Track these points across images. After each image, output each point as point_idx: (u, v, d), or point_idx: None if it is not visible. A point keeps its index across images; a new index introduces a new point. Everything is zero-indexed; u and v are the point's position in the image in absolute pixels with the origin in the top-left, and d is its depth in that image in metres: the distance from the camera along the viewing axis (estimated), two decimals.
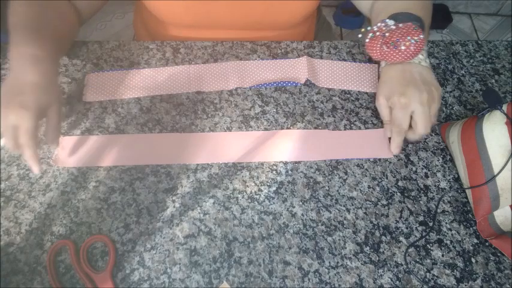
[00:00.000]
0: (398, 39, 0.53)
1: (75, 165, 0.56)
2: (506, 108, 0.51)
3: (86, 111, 0.61)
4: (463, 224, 0.53)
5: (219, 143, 0.58)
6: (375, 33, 0.55)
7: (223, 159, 0.57)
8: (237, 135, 0.59)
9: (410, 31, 0.53)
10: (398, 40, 0.53)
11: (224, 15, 0.68)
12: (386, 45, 0.54)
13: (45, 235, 0.51)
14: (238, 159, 0.57)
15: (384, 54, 0.55)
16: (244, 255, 0.50)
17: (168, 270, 0.49)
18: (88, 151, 0.57)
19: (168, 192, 0.54)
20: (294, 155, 0.57)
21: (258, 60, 0.66)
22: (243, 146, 0.58)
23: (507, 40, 0.72)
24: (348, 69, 0.66)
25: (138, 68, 0.65)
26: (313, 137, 0.59)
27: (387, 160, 0.58)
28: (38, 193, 0.54)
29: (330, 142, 0.59)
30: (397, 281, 0.49)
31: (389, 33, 0.54)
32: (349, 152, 0.58)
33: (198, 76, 0.64)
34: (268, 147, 0.58)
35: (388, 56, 0.54)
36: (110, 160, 0.56)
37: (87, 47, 0.67)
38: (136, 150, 0.57)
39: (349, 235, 0.52)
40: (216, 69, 0.65)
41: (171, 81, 0.63)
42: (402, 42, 0.53)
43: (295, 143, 0.58)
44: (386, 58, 0.55)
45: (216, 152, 0.57)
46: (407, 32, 0.53)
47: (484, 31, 1.83)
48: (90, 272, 0.48)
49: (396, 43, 0.53)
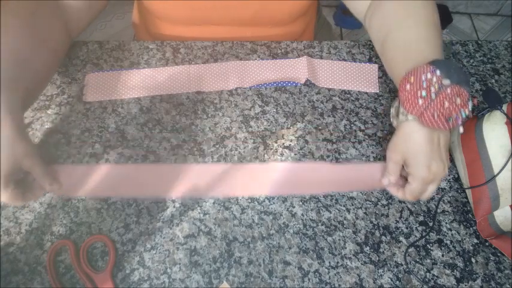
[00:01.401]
0: (455, 115, 0.45)
1: (66, 194, 0.53)
2: (506, 108, 0.51)
3: (86, 111, 0.61)
4: (463, 224, 0.53)
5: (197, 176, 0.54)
6: (429, 92, 0.45)
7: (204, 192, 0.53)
8: (220, 167, 0.55)
9: (465, 104, 0.45)
10: (457, 117, 0.45)
11: (219, 11, 0.68)
12: (438, 115, 0.45)
13: (45, 235, 0.51)
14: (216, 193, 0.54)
15: (428, 121, 0.45)
16: (244, 255, 0.50)
17: (168, 270, 0.49)
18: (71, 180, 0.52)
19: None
20: (281, 189, 0.54)
21: (258, 60, 0.66)
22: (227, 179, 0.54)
23: (507, 40, 0.72)
24: (348, 69, 0.66)
25: (138, 68, 0.65)
26: (303, 171, 0.55)
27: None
28: None
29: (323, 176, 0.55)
30: (397, 281, 0.49)
31: (448, 102, 0.45)
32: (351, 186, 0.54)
33: (198, 76, 0.64)
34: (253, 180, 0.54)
35: (431, 124, 0.45)
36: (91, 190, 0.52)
37: (87, 47, 0.67)
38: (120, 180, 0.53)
39: (349, 235, 0.52)
40: (216, 69, 0.65)
41: (171, 81, 0.63)
42: (455, 117, 0.45)
43: (282, 176, 0.54)
44: (426, 123, 0.46)
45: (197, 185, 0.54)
46: (463, 104, 0.45)
47: (484, 31, 1.83)
48: (90, 272, 0.48)
49: (452, 118, 0.45)
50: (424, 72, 0.46)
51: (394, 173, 0.50)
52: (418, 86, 0.46)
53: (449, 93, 0.45)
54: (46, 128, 0.59)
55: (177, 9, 0.67)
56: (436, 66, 0.46)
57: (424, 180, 0.47)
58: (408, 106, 0.47)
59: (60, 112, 0.60)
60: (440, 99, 0.45)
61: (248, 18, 0.69)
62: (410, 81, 0.47)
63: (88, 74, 0.64)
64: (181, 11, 0.68)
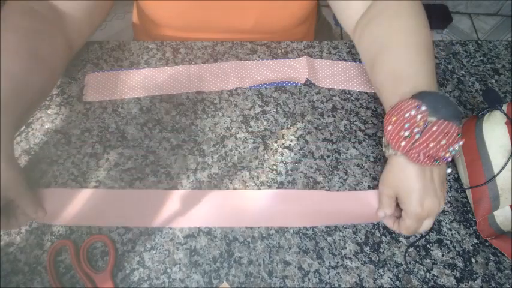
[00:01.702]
0: (445, 157, 0.43)
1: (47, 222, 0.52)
2: (506, 108, 0.51)
3: (86, 111, 0.61)
4: (463, 224, 0.53)
5: (194, 203, 0.53)
6: (412, 133, 0.43)
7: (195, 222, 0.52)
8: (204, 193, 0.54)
9: (454, 140, 0.43)
10: (444, 158, 0.43)
11: (219, 18, 0.68)
12: (424, 155, 0.43)
13: (45, 235, 0.51)
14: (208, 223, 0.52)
15: (414, 159, 0.43)
16: (244, 255, 0.50)
17: (168, 270, 0.49)
18: (55, 205, 0.51)
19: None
20: (277, 218, 0.53)
21: (258, 60, 0.66)
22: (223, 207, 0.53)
23: (507, 40, 0.72)
24: (348, 69, 0.66)
25: (138, 68, 0.65)
26: (306, 199, 0.54)
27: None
28: None
29: (326, 205, 0.54)
30: (397, 281, 0.49)
31: (433, 141, 0.42)
32: (346, 217, 0.53)
33: (198, 76, 0.64)
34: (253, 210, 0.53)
35: (418, 162, 0.44)
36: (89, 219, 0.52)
37: (87, 47, 0.67)
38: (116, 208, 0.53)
39: (349, 235, 0.52)
40: (216, 69, 0.65)
41: (171, 81, 0.63)
42: (444, 155, 0.43)
43: (285, 204, 0.53)
44: (414, 161, 0.44)
45: (190, 213, 0.53)
46: (452, 141, 0.43)
47: (484, 31, 1.83)
48: (90, 272, 0.48)
49: (440, 159, 0.43)
50: (408, 110, 0.43)
51: (389, 206, 0.48)
52: (401, 127, 0.43)
53: (435, 130, 0.42)
54: (46, 128, 0.59)
55: (175, 17, 0.67)
56: (421, 101, 0.43)
57: (417, 217, 0.46)
58: (393, 145, 0.45)
59: (60, 112, 0.60)
60: (425, 138, 0.42)
61: (248, 26, 0.69)
62: (391, 121, 0.44)
63: (88, 74, 0.64)
64: (180, 20, 0.68)
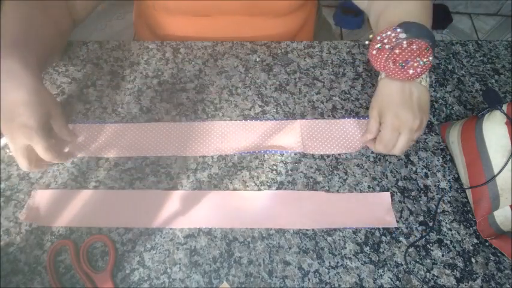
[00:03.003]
0: (409, 61, 0.48)
1: (46, 224, 0.52)
2: (506, 108, 0.51)
3: (86, 111, 0.61)
4: (463, 224, 0.53)
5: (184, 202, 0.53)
6: (383, 44, 0.50)
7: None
8: (203, 194, 0.54)
9: (421, 52, 0.48)
10: (408, 62, 0.48)
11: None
12: (393, 63, 0.49)
13: (45, 235, 0.51)
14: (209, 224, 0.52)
15: (388, 70, 0.50)
16: (244, 255, 0.50)
17: (168, 270, 0.49)
18: (62, 205, 0.53)
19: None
20: (276, 220, 0.53)
21: (247, 122, 0.60)
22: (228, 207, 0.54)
23: (507, 40, 0.72)
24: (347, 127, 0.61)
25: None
26: (306, 200, 0.54)
27: (387, 160, 0.58)
28: None
29: (326, 207, 0.54)
30: (397, 281, 0.49)
31: (399, 49, 0.49)
32: (346, 220, 0.53)
33: (180, 137, 0.59)
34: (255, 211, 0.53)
35: (392, 73, 0.50)
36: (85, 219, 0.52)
37: (87, 47, 0.67)
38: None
39: (349, 235, 0.52)
40: (200, 129, 0.60)
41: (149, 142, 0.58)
42: (411, 63, 0.48)
43: (284, 206, 0.54)
44: (389, 74, 0.50)
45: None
46: (419, 53, 0.48)
47: (484, 31, 1.83)
48: (90, 272, 0.48)
49: (405, 64, 0.48)
50: (384, 32, 0.51)
51: (374, 129, 0.53)
52: (375, 42, 0.51)
53: (404, 44, 0.49)
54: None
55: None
56: (399, 26, 0.50)
57: (392, 126, 0.50)
58: (373, 62, 0.51)
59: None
60: (395, 51, 0.49)
61: (250, 6, 0.69)
62: (371, 40, 0.52)
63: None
64: (179, 1, 0.68)
